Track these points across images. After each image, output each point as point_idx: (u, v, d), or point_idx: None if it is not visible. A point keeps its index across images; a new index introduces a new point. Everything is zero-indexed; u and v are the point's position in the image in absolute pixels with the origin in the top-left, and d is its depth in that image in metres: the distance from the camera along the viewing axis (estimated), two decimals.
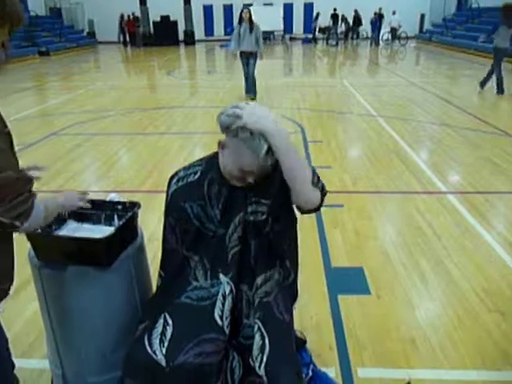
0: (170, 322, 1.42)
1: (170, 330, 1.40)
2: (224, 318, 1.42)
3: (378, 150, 5.24)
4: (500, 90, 8.37)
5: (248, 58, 8.07)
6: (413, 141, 5.63)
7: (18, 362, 2.03)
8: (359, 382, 1.93)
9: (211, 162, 1.53)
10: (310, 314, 2.36)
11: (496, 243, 3.09)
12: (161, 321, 1.43)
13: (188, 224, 1.51)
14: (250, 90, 8.36)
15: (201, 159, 1.59)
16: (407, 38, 20.60)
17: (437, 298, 2.55)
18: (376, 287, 2.60)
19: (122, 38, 22.73)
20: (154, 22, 22.34)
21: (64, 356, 1.63)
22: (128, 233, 1.61)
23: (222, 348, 1.36)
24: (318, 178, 1.45)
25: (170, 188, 1.57)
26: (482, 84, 8.70)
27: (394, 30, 20.67)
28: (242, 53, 8.07)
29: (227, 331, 1.40)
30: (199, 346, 1.33)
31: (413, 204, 3.74)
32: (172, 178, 1.58)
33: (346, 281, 2.71)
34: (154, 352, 1.33)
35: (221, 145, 1.44)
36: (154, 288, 1.70)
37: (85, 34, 24.18)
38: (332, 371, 1.98)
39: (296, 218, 1.60)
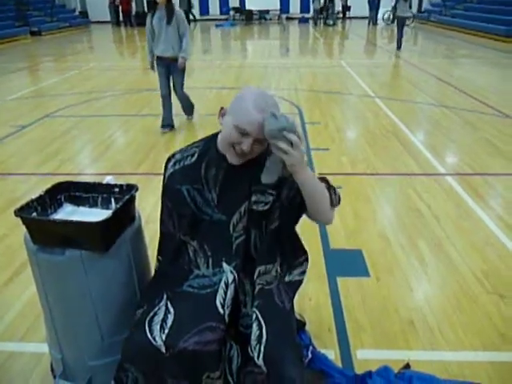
0: (171, 310, 1.40)
1: (171, 317, 1.38)
2: (226, 307, 1.39)
3: (376, 132, 5.20)
4: (399, 47, 11.97)
5: (169, 67, 4.95)
6: (411, 122, 5.59)
7: (16, 347, 2.06)
8: (358, 364, 1.94)
9: (209, 143, 1.50)
10: (308, 295, 2.36)
11: (494, 225, 3.08)
12: (162, 308, 1.41)
13: (184, 208, 1.49)
14: (169, 121, 5.26)
15: (198, 141, 1.56)
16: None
17: (435, 279, 2.55)
18: (375, 269, 2.60)
19: (115, 18, 22.30)
20: (147, 1, 21.90)
21: (63, 340, 1.62)
22: (125, 216, 1.58)
23: (221, 337, 1.34)
24: (334, 190, 1.49)
25: (167, 171, 1.54)
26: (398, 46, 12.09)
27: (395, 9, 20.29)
28: (158, 59, 4.96)
29: (227, 320, 1.38)
30: (199, 335, 1.32)
31: (411, 186, 3.72)
32: (169, 160, 1.56)
33: (345, 263, 2.70)
34: (154, 338, 1.32)
35: (222, 112, 1.40)
36: (152, 272, 1.68)
37: (77, 13, 23.71)
38: (331, 353, 1.98)
39: (298, 218, 1.54)
